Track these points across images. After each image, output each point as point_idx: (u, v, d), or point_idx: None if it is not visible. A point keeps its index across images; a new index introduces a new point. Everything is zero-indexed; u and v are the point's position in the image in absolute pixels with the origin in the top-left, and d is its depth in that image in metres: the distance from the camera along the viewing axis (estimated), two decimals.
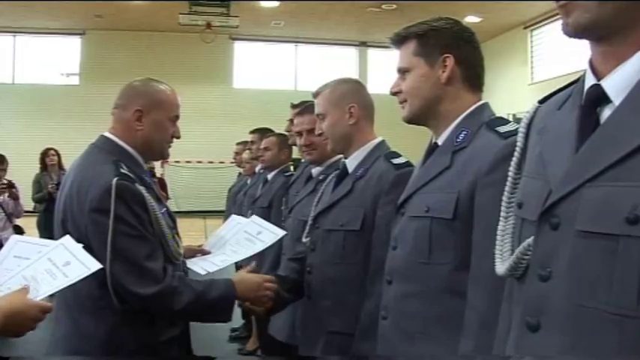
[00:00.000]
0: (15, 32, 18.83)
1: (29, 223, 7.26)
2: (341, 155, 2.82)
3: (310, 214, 2.48)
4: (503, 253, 1.12)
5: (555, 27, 16.81)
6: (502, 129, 1.61)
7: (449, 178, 1.62)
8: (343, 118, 2.31)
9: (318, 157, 2.91)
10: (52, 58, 19.65)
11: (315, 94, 2.39)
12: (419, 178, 1.73)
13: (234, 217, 2.82)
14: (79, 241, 1.83)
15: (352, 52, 21.22)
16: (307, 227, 2.41)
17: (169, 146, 2.27)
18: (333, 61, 20.83)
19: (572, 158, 0.97)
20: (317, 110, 2.38)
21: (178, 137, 2.27)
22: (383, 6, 16.45)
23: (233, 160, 6.79)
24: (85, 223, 1.98)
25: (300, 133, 2.93)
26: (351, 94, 2.34)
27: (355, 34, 19.79)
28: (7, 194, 6.51)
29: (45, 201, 7.56)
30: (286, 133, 3.66)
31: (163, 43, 19.20)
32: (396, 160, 2.20)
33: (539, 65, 17.75)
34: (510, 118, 2.36)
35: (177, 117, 2.26)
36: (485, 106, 1.75)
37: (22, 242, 1.81)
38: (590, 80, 1.02)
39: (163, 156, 2.31)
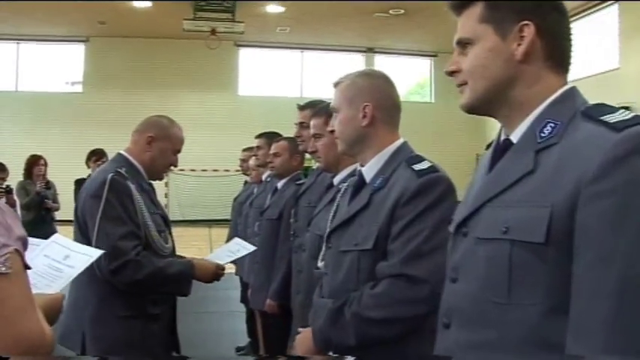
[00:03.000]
0: (18, 39, 18.69)
1: None
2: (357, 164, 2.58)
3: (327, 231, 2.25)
4: None
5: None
6: (611, 118, 1.16)
7: (534, 187, 1.19)
8: (356, 117, 2.00)
9: (326, 165, 2.66)
10: (56, 66, 19.51)
11: (335, 85, 2.09)
12: (487, 186, 1.31)
13: (236, 239, 3.40)
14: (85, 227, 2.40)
15: (359, 59, 20.98)
16: (323, 248, 2.11)
17: (166, 172, 2.86)
18: (340, 68, 20.63)
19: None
20: (332, 103, 2.10)
21: (176, 166, 2.88)
22: (390, 11, 16.24)
23: (239, 168, 6.51)
24: (86, 208, 2.53)
25: (314, 136, 2.66)
26: (369, 91, 2.01)
27: (362, 40, 19.61)
28: (4, 199, 6.21)
29: (35, 205, 7.22)
30: (296, 137, 3.34)
31: (167, 49, 19.00)
32: (418, 166, 1.88)
33: None
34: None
35: (178, 151, 2.82)
36: (575, 90, 1.31)
37: None
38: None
39: (159, 177, 2.85)
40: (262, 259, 3.82)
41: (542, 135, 1.24)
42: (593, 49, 15.42)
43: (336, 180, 2.61)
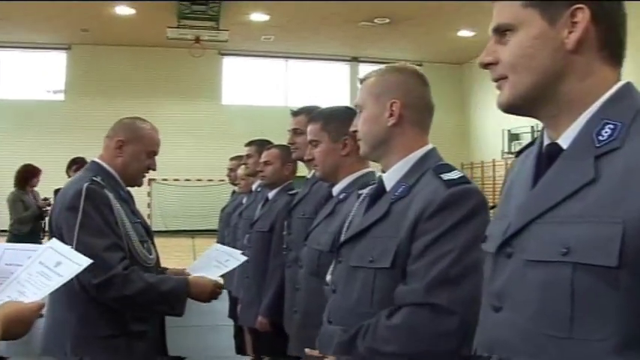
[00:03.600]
0: None
1: None
2: (366, 170, 2.41)
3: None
4: None
5: None
6: None
7: (598, 200, 0.99)
8: (382, 115, 1.76)
9: (324, 173, 2.49)
10: (37, 73, 19.23)
11: (361, 80, 1.87)
12: (535, 200, 1.10)
13: (215, 245, 3.07)
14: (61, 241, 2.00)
15: (344, 68, 20.93)
16: (333, 262, 1.89)
17: (143, 176, 2.66)
18: (325, 77, 20.58)
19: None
20: (356, 100, 1.88)
21: (154, 169, 2.64)
22: (376, 20, 16.19)
23: (223, 178, 6.36)
24: (61, 221, 2.35)
25: (311, 143, 2.51)
26: (397, 88, 1.77)
27: (347, 49, 19.56)
28: None
29: (34, 219, 7.11)
30: (290, 145, 3.18)
31: (151, 58, 18.85)
32: (447, 176, 1.64)
33: None
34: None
35: (154, 152, 2.63)
36: (632, 86, 1.12)
37: (11, 250, 1.82)
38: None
39: (136, 183, 2.64)
40: (253, 274, 3.66)
41: (601, 138, 1.04)
42: None
43: (335, 190, 2.44)
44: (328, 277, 1.88)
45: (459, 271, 1.52)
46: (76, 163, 6.77)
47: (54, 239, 1.93)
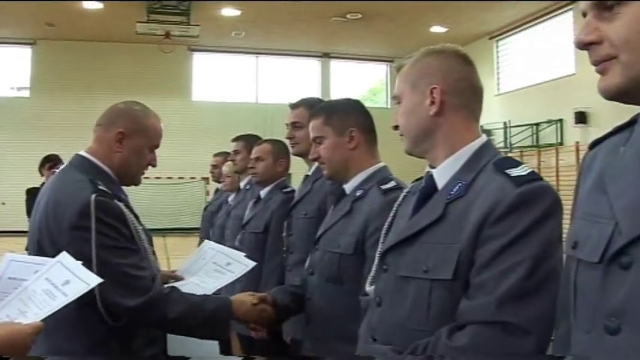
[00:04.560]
0: None
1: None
2: (380, 165, 2.25)
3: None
4: None
5: (521, 37, 16.76)
6: None
7: None
8: (421, 104, 1.56)
9: (333, 172, 2.29)
10: (1, 70, 18.67)
11: (398, 69, 1.66)
12: None
13: (207, 242, 2.74)
14: None
15: (315, 64, 20.79)
16: (373, 269, 1.68)
17: (143, 173, 2.28)
18: (295, 73, 20.43)
19: None
20: (395, 91, 1.68)
21: (154, 166, 2.30)
22: (348, 15, 16.06)
23: (195, 175, 6.15)
24: (65, 240, 1.92)
25: (314, 141, 2.34)
26: (436, 71, 1.56)
27: (318, 45, 19.43)
28: None
29: None
30: (286, 140, 3.03)
31: (119, 53, 18.46)
32: (513, 172, 1.41)
33: (505, 76, 17.67)
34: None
35: (157, 146, 2.28)
36: None
37: (16, 262, 1.72)
38: None
39: (135, 182, 2.28)
40: (246, 277, 3.49)
41: None
42: (550, 54, 15.57)
43: (348, 187, 2.23)
44: (369, 288, 1.67)
45: (533, 283, 1.31)
46: (50, 161, 6.52)
47: (64, 253, 1.71)
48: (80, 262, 1.70)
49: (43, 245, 2.00)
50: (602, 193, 1.01)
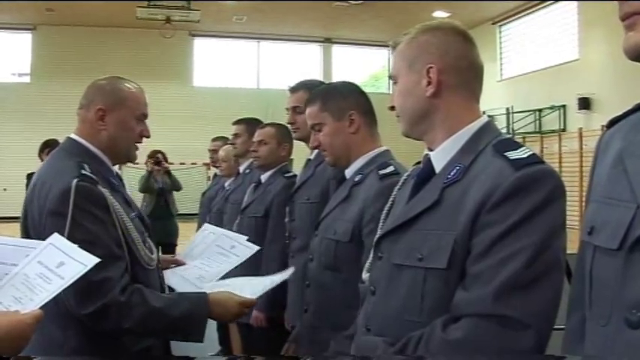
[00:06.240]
0: None
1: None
2: (381, 149, 2.19)
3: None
4: None
5: (524, 23, 16.66)
6: None
7: None
8: (418, 84, 1.46)
9: (335, 158, 2.23)
10: (1, 55, 18.60)
11: (393, 46, 1.56)
12: None
13: (206, 225, 2.70)
14: None
15: (316, 49, 20.70)
16: (369, 257, 1.61)
17: (136, 147, 2.17)
18: (297, 59, 20.34)
19: None
20: (391, 71, 1.59)
21: (148, 136, 2.19)
22: (350, 0, 15.93)
23: (196, 161, 6.11)
24: (43, 226, 1.87)
25: (313, 128, 2.28)
26: (434, 49, 1.46)
27: (320, 30, 19.33)
28: None
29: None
30: (290, 124, 2.97)
31: (120, 39, 18.42)
32: (513, 154, 1.31)
33: (508, 62, 17.59)
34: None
35: (144, 115, 2.18)
36: None
37: (5, 245, 1.60)
38: None
39: (130, 158, 2.18)
40: (246, 263, 3.46)
41: None
42: (553, 40, 15.48)
43: (348, 172, 2.17)
44: (365, 275, 1.61)
45: (534, 274, 1.21)
46: (49, 146, 6.48)
47: (56, 234, 1.62)
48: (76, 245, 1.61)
49: (28, 230, 1.96)
50: (621, 173, 0.94)
